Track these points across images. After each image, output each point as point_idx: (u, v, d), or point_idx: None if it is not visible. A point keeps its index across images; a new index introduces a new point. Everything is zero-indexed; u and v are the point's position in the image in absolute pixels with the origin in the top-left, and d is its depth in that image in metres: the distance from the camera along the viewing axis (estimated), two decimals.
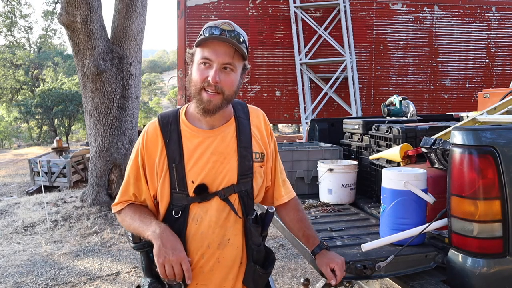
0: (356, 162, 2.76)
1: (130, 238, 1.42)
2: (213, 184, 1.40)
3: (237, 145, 1.44)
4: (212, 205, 1.39)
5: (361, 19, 8.91)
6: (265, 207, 1.53)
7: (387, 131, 2.56)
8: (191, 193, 1.39)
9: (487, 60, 9.22)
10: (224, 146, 1.42)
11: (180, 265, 1.29)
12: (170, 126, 1.44)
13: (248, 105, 1.57)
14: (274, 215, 1.50)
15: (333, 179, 2.64)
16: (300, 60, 8.63)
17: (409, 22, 9.01)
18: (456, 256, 1.57)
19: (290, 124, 24.24)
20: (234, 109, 1.50)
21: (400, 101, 3.34)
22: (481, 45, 9.18)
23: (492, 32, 9.14)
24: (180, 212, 1.39)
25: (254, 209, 1.48)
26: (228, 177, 1.41)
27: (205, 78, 1.34)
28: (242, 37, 1.35)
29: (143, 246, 1.38)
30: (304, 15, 8.65)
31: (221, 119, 1.45)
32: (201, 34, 1.36)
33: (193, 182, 1.39)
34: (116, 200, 1.50)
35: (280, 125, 26.22)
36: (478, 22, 9.10)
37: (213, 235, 1.39)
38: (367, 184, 2.77)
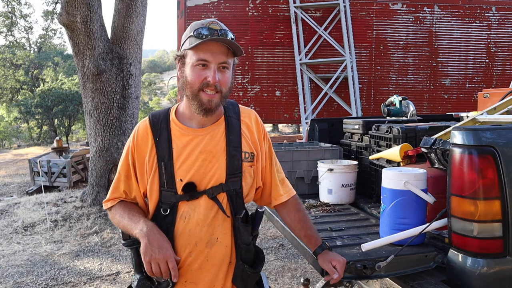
0: (356, 162, 2.76)
1: (121, 235, 1.44)
2: (202, 182, 1.40)
3: (226, 144, 1.44)
4: (200, 203, 1.40)
5: (361, 19, 8.91)
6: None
7: (387, 131, 2.56)
8: (179, 191, 1.40)
9: (487, 60, 9.22)
10: (213, 145, 1.43)
11: (167, 263, 1.30)
12: (160, 124, 1.45)
13: (239, 105, 1.58)
14: (274, 215, 1.50)
15: (333, 179, 2.64)
16: (300, 60, 8.63)
17: (409, 22, 9.01)
18: (456, 256, 1.57)
19: (290, 124, 24.23)
20: (224, 109, 1.50)
21: (400, 101, 3.34)
22: (481, 45, 9.18)
23: (492, 32, 9.14)
24: (169, 210, 1.40)
25: (244, 208, 1.48)
26: (217, 176, 1.41)
27: (204, 79, 1.35)
28: (230, 34, 1.37)
29: (133, 243, 1.39)
30: (304, 15, 8.65)
31: (212, 118, 1.46)
32: (190, 35, 1.37)
33: (181, 180, 1.40)
34: (107, 196, 1.51)
35: (280, 125, 26.21)
36: (478, 22, 9.10)
37: (201, 233, 1.40)
38: (367, 184, 2.77)
